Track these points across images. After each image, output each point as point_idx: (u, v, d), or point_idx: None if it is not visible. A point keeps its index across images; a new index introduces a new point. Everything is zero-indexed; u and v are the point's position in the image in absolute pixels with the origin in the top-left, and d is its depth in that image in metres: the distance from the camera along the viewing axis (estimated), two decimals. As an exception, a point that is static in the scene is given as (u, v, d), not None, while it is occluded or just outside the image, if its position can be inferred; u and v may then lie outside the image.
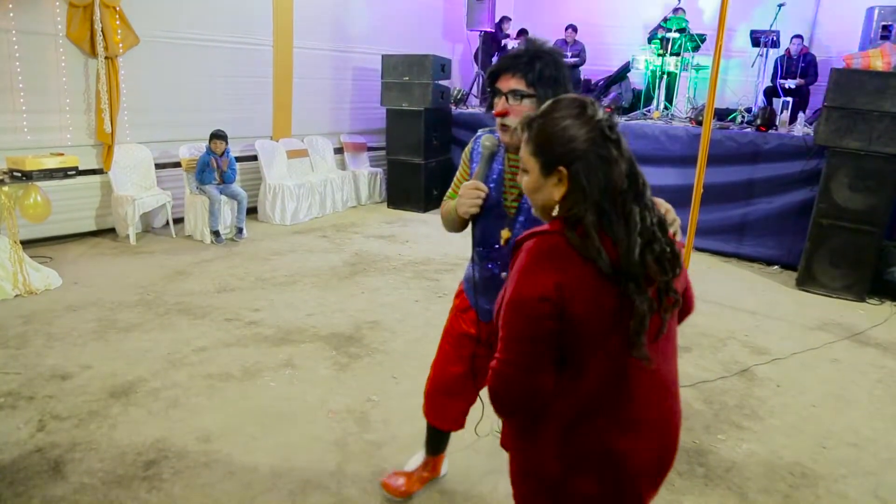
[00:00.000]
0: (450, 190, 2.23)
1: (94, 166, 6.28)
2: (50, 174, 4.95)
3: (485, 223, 2.00)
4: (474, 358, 2.21)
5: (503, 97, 1.86)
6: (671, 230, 1.41)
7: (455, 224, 2.08)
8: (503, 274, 2.03)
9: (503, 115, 1.86)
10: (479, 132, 2.11)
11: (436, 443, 2.60)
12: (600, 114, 1.32)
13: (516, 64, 1.84)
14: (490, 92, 1.93)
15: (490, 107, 1.96)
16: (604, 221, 1.29)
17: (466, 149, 2.17)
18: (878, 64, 6.05)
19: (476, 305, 2.15)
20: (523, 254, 1.33)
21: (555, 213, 1.35)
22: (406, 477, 2.61)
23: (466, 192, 1.91)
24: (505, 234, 1.99)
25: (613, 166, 1.29)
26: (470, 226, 2.03)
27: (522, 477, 1.49)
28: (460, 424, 2.43)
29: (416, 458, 2.68)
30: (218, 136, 6.49)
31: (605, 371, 1.33)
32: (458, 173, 2.21)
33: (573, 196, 1.31)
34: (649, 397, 1.41)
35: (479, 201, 1.91)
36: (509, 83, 1.85)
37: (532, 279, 1.28)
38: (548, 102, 1.38)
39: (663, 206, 1.53)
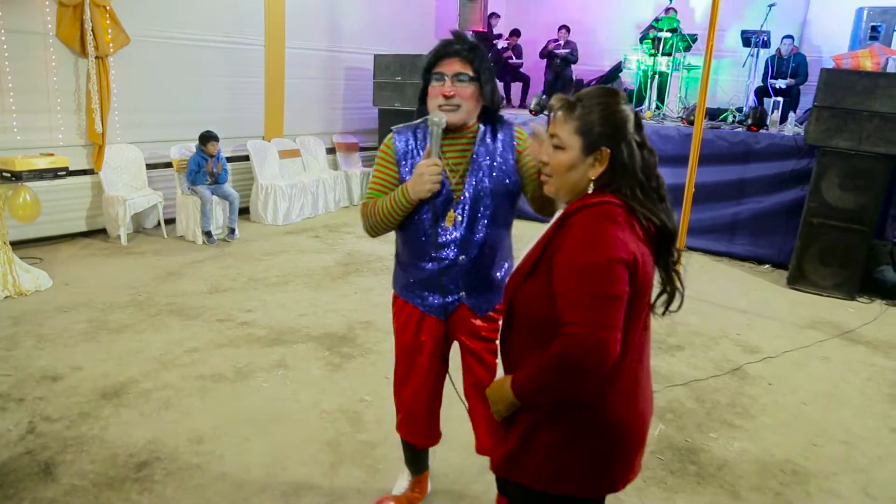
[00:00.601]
0: (371, 192, 2.11)
1: (85, 166, 6.25)
2: (40, 174, 4.92)
3: (430, 209, 1.99)
4: (444, 360, 2.19)
5: (447, 80, 1.93)
6: None
7: (396, 217, 2.01)
8: (461, 258, 2.03)
9: (450, 96, 1.93)
10: (394, 128, 2.13)
11: (419, 461, 2.53)
12: (631, 106, 1.48)
13: (460, 50, 1.93)
14: (426, 78, 1.98)
15: (423, 97, 2.02)
16: (645, 196, 1.42)
17: (386, 148, 2.10)
18: (868, 64, 6.10)
19: (437, 304, 2.09)
20: (584, 220, 1.37)
21: (590, 191, 1.44)
22: (396, 501, 2.55)
23: (427, 170, 1.90)
24: (451, 215, 2.01)
25: (648, 150, 1.45)
26: (403, 223, 2.04)
27: (548, 456, 1.46)
28: (438, 437, 2.37)
29: (402, 481, 2.61)
30: (210, 137, 6.45)
31: (638, 338, 1.44)
32: (378, 174, 2.11)
33: (614, 175, 1.42)
34: (648, 364, 1.53)
35: (440, 177, 1.92)
36: (454, 66, 1.93)
37: (604, 243, 1.32)
38: (589, 88, 1.49)
39: None
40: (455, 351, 2.22)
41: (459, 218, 2.01)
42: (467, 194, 2.01)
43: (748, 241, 6.58)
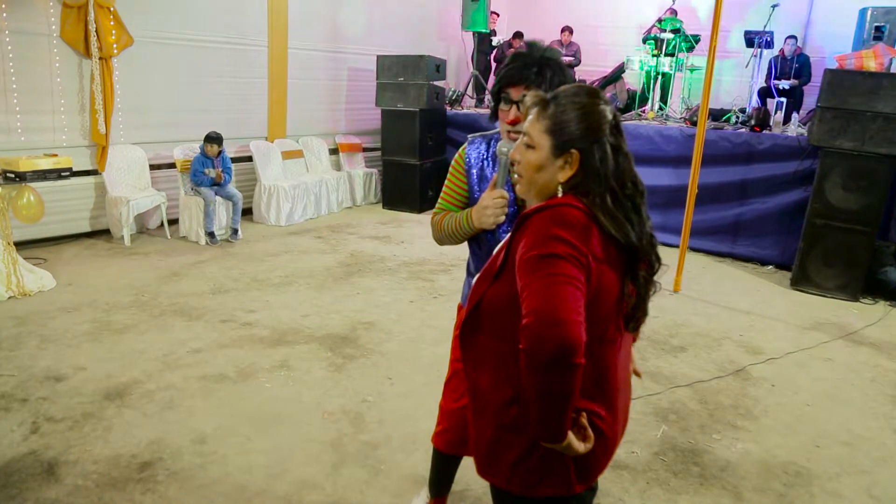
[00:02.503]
0: (441, 201, 2.11)
1: (89, 167, 6.26)
2: (44, 175, 4.94)
3: (495, 230, 1.94)
4: None
5: (514, 105, 1.86)
6: None
7: (459, 237, 2.01)
8: None
9: (516, 122, 1.86)
10: (470, 137, 2.09)
11: (445, 480, 2.45)
12: (612, 108, 1.41)
13: (527, 75, 1.85)
14: (497, 98, 1.92)
15: (494, 114, 1.95)
16: (616, 205, 1.37)
17: (458, 158, 2.08)
18: (871, 64, 6.08)
19: None
20: (538, 221, 1.34)
21: (559, 194, 1.40)
22: None
23: (493, 202, 1.85)
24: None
25: (623, 155, 1.39)
26: (474, 238, 2.00)
27: (521, 457, 1.45)
28: None
29: (419, 502, 2.55)
30: (210, 138, 6.46)
31: (597, 338, 1.36)
32: (449, 184, 2.10)
33: (584, 179, 1.38)
34: (623, 368, 1.48)
35: (506, 209, 1.87)
36: (520, 92, 1.85)
37: (557, 240, 1.29)
38: (568, 86, 1.44)
39: None
40: None
41: None
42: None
43: (751, 242, 6.57)
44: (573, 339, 1.21)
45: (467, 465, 2.78)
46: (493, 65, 10.31)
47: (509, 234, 1.43)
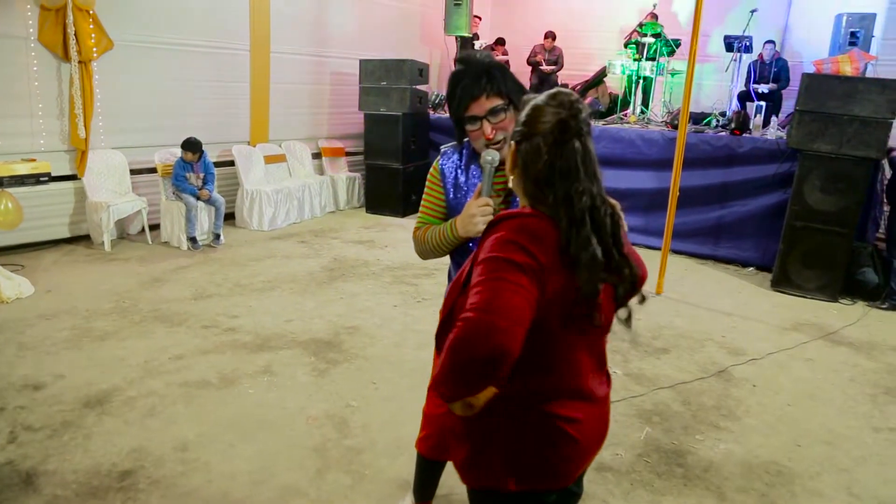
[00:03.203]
0: (422, 215, 2.08)
1: (68, 172, 6.18)
2: (21, 180, 4.89)
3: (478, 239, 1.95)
4: None
5: (482, 121, 1.86)
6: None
7: (444, 248, 1.98)
8: None
9: (493, 137, 1.86)
10: (443, 149, 2.09)
11: (429, 485, 2.46)
12: (569, 113, 1.38)
13: (480, 85, 1.84)
14: (460, 122, 1.91)
15: (461, 139, 1.96)
16: (549, 204, 1.37)
17: (433, 171, 2.07)
18: (847, 69, 6.19)
19: None
20: (501, 229, 1.36)
21: (510, 183, 1.47)
22: None
23: (479, 210, 1.82)
24: None
25: (542, 159, 1.37)
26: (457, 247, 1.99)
27: (487, 458, 1.48)
28: None
29: None
30: (186, 145, 6.38)
31: (553, 345, 1.39)
32: (428, 197, 2.08)
33: (518, 172, 1.42)
34: (590, 374, 1.49)
35: (491, 217, 1.84)
36: (483, 105, 1.85)
37: (514, 245, 1.31)
38: (552, 91, 1.45)
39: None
40: None
41: None
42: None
43: (732, 244, 6.64)
44: (507, 349, 1.22)
45: (452, 470, 2.78)
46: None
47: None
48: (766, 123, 7.04)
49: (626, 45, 8.97)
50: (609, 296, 1.42)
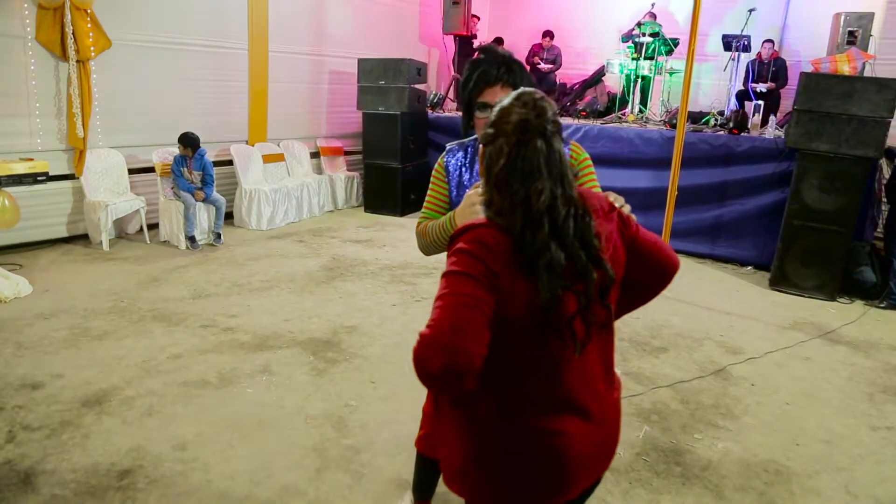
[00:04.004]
0: (426, 210, 2.09)
1: (66, 171, 6.17)
2: (19, 179, 4.88)
3: None
4: None
5: (491, 109, 1.86)
6: (618, 205, 1.53)
7: (444, 243, 1.94)
8: None
9: None
10: (448, 146, 2.08)
11: (428, 484, 2.46)
12: (532, 112, 1.35)
13: (499, 75, 1.85)
14: (470, 108, 1.91)
15: (468, 125, 1.95)
16: (504, 209, 1.34)
17: (438, 166, 2.07)
18: (845, 68, 6.20)
19: None
20: (461, 241, 1.35)
21: (479, 188, 1.47)
22: None
23: (480, 199, 1.76)
24: None
25: (503, 159, 1.34)
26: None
27: (466, 467, 1.47)
28: None
29: None
30: (180, 139, 6.39)
31: (531, 355, 1.36)
32: (432, 192, 2.08)
33: (485, 174, 1.41)
34: (584, 387, 1.43)
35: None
36: (497, 94, 1.85)
37: (470, 258, 1.30)
38: (516, 93, 1.44)
39: (610, 195, 1.58)
40: None
41: None
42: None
43: (730, 244, 6.65)
44: (459, 365, 1.21)
45: (451, 469, 2.78)
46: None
47: None
48: (764, 123, 7.04)
49: (623, 40, 8.96)
50: (573, 302, 1.34)
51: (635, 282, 1.52)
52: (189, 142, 6.41)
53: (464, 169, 2.03)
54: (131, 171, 6.64)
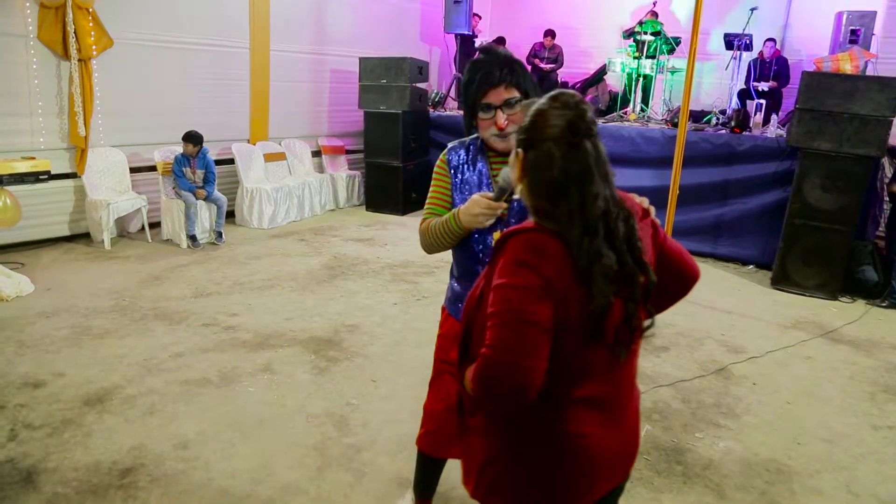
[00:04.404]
0: (430, 207, 2.06)
1: (68, 170, 6.18)
2: (21, 178, 4.89)
3: (480, 230, 1.92)
4: None
5: (497, 110, 1.86)
6: (644, 206, 1.53)
7: (447, 240, 1.95)
8: None
9: (505, 127, 1.86)
10: (449, 145, 2.08)
11: (430, 482, 2.45)
12: (576, 113, 1.32)
13: (502, 76, 1.85)
14: (473, 110, 1.89)
15: (470, 126, 1.94)
16: (559, 216, 1.31)
17: (441, 163, 2.06)
18: (847, 67, 6.18)
19: None
20: (510, 248, 1.33)
21: (516, 194, 1.42)
22: None
23: (483, 210, 1.79)
24: (497, 236, 1.91)
25: (556, 165, 1.31)
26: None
27: (485, 466, 1.47)
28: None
29: None
30: (185, 138, 6.41)
31: (575, 359, 1.35)
32: (436, 189, 2.06)
33: (526, 183, 1.37)
34: (617, 391, 1.44)
35: (495, 217, 1.83)
36: (501, 95, 1.85)
37: (525, 269, 1.28)
38: (552, 93, 1.40)
39: (636, 198, 1.57)
40: None
41: None
42: (512, 219, 1.91)
43: (732, 242, 6.64)
44: (524, 385, 1.24)
45: (452, 467, 2.79)
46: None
47: (490, 261, 1.41)
48: (766, 121, 7.03)
49: (624, 37, 8.95)
50: (620, 308, 1.34)
51: (657, 289, 1.51)
52: (196, 140, 6.43)
53: (465, 167, 2.03)
54: (133, 170, 6.65)
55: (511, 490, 1.43)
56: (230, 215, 7.35)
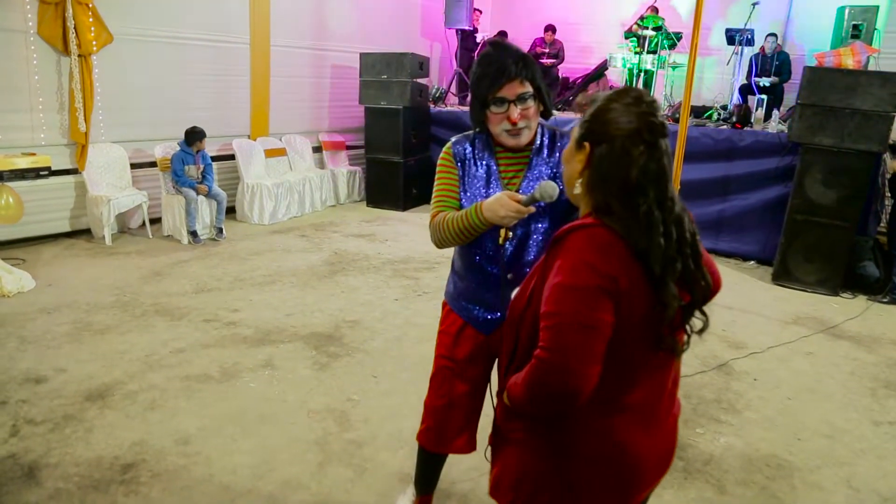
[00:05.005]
0: (440, 199, 2.01)
1: (68, 166, 6.18)
2: (22, 174, 4.89)
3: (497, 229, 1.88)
4: (485, 375, 2.12)
5: (510, 104, 1.84)
6: None
7: (468, 234, 1.88)
8: (509, 275, 1.94)
9: (518, 122, 1.85)
10: (453, 139, 2.06)
11: (431, 477, 2.45)
12: (650, 111, 1.28)
13: (517, 70, 1.82)
14: (485, 102, 1.86)
15: (480, 120, 1.92)
16: (630, 217, 1.26)
17: (446, 154, 2.03)
18: (849, 62, 6.16)
19: (480, 319, 2.05)
20: (571, 244, 1.28)
21: (576, 190, 1.36)
22: None
23: (510, 213, 1.74)
24: (503, 233, 1.90)
25: (635, 163, 1.26)
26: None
27: (521, 482, 1.43)
28: (472, 446, 2.23)
29: (404, 501, 2.52)
30: (191, 136, 6.42)
31: (630, 362, 1.32)
32: (443, 181, 2.02)
33: (591, 178, 1.31)
34: (660, 396, 1.41)
35: (517, 218, 1.78)
36: (515, 89, 1.83)
37: (588, 268, 1.24)
38: (617, 89, 1.37)
39: None
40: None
41: (511, 235, 1.92)
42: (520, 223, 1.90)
43: (733, 238, 6.63)
44: (580, 390, 1.23)
45: (453, 462, 2.79)
46: (477, 62, 10.30)
47: (543, 257, 1.37)
48: (767, 117, 7.01)
49: (626, 36, 8.93)
50: (679, 311, 1.31)
51: None
52: (202, 136, 6.46)
53: (471, 162, 2.00)
54: (133, 166, 6.65)
55: (557, 499, 1.39)
56: (231, 211, 7.35)
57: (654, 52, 8.44)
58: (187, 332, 4.19)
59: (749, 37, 8.26)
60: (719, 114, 7.16)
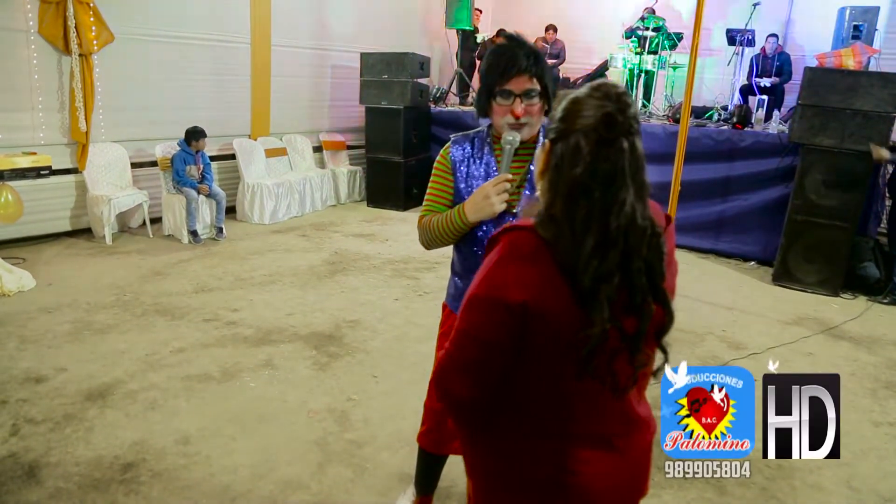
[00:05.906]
0: (429, 203, 2.03)
1: (69, 165, 6.18)
2: (22, 174, 4.89)
3: (486, 222, 1.88)
4: None
5: (516, 98, 1.82)
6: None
7: (450, 236, 1.92)
8: None
9: (522, 117, 1.83)
10: (453, 138, 2.05)
11: (431, 477, 2.46)
12: (617, 106, 1.14)
13: (528, 65, 1.80)
14: (490, 95, 1.85)
15: (484, 111, 1.91)
16: (568, 222, 1.14)
17: (442, 158, 2.03)
18: (850, 63, 6.16)
19: None
20: (495, 249, 1.21)
21: (537, 191, 1.26)
22: None
23: (494, 189, 1.78)
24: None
25: (582, 161, 1.13)
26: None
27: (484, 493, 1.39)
28: None
29: (405, 501, 2.53)
30: (192, 135, 6.42)
31: (557, 387, 1.22)
32: (435, 185, 2.03)
33: (549, 177, 1.19)
34: (617, 424, 1.30)
35: (507, 196, 1.80)
36: (522, 84, 1.81)
37: (498, 280, 1.16)
38: (595, 81, 1.27)
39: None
40: None
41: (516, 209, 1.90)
42: (521, 208, 1.89)
43: (734, 238, 6.63)
44: (456, 396, 1.25)
45: (453, 463, 2.79)
46: (477, 62, 10.30)
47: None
48: (768, 117, 7.01)
49: (625, 36, 8.93)
50: (616, 338, 1.16)
51: None
52: (203, 135, 6.46)
53: (471, 161, 2.00)
54: (134, 166, 6.65)
55: None
56: (231, 211, 7.35)
57: (655, 53, 8.44)
58: (187, 332, 4.20)
59: (750, 37, 8.26)
60: (720, 114, 7.16)
